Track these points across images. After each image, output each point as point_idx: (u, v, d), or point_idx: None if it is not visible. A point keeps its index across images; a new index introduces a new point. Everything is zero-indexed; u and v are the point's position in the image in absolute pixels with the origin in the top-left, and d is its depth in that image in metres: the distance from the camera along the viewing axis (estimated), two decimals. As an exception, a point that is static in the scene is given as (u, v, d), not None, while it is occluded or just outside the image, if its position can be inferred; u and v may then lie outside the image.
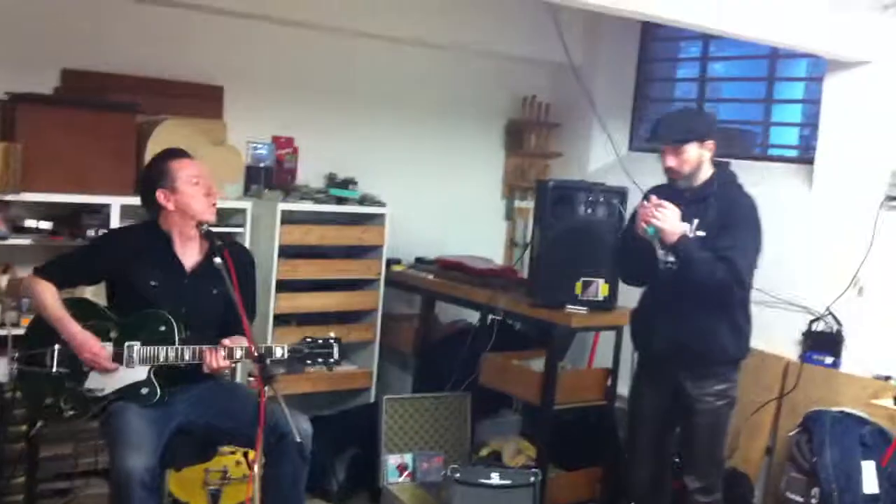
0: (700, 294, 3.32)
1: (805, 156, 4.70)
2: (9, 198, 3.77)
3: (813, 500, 3.88)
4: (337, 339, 3.10)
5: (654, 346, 3.57)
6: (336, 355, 3.09)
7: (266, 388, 2.77)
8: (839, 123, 4.35)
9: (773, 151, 4.98)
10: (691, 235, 3.32)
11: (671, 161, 3.35)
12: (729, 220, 3.30)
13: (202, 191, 3.20)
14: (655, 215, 3.25)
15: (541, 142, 5.71)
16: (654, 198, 3.32)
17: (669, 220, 3.25)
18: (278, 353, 3.02)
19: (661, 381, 3.54)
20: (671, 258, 3.38)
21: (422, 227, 5.25)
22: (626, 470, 3.73)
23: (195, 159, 3.27)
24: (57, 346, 3.13)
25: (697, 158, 3.34)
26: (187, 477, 3.94)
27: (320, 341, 3.08)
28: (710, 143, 3.36)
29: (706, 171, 3.40)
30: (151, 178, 3.24)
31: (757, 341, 4.20)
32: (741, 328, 3.46)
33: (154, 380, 3.12)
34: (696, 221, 3.35)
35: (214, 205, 3.24)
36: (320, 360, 3.07)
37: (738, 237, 3.26)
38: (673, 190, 3.42)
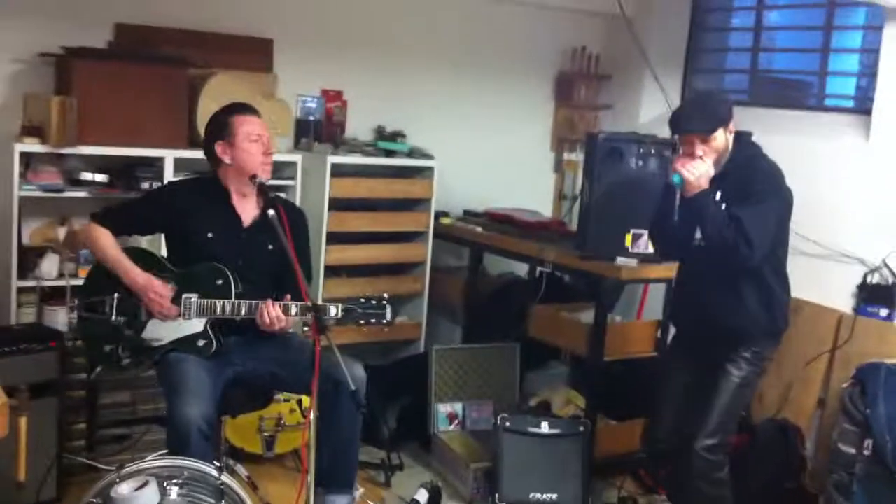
0: (728, 268, 3.29)
1: (862, 106, 4.60)
2: (65, 151, 3.83)
3: (865, 452, 3.85)
4: (389, 300, 3.10)
5: (687, 321, 3.59)
6: (388, 316, 3.09)
7: (320, 338, 2.80)
8: (899, 72, 4.24)
9: (829, 102, 4.88)
10: None
11: (700, 150, 3.29)
12: (747, 188, 3.25)
13: (260, 149, 3.23)
14: (686, 166, 3.23)
15: (590, 94, 5.66)
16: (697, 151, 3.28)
17: (697, 173, 3.21)
18: (332, 311, 3.03)
19: (693, 354, 3.54)
20: (700, 234, 3.34)
21: (470, 179, 5.25)
22: (650, 431, 3.73)
23: (259, 116, 3.28)
24: (116, 295, 3.20)
25: (725, 143, 3.32)
26: (242, 424, 4.05)
27: (373, 301, 3.08)
28: (731, 126, 3.34)
29: (729, 150, 3.37)
30: (213, 129, 3.27)
31: (811, 293, 4.22)
32: (776, 299, 3.40)
33: (210, 332, 3.18)
34: (718, 194, 3.29)
35: (269, 164, 3.27)
36: (373, 320, 3.08)
37: (753, 203, 3.20)
38: None
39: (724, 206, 3.25)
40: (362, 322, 3.06)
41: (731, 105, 3.46)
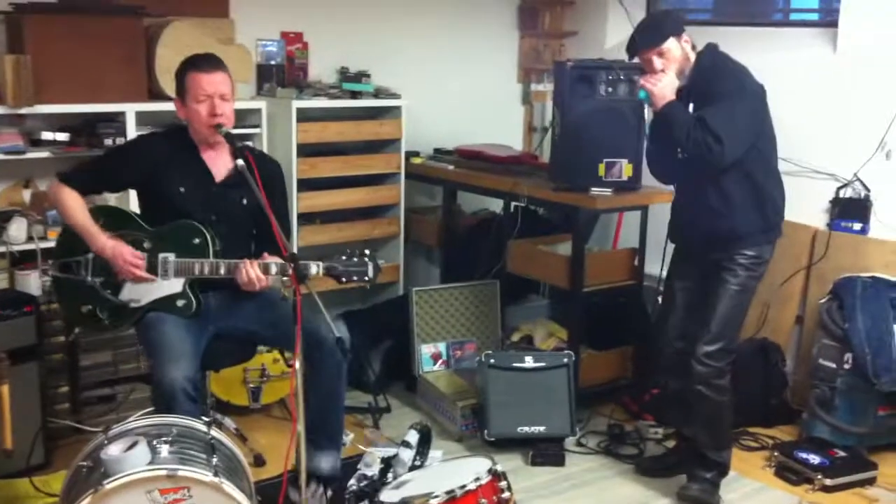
0: (712, 171, 3.31)
1: (826, 18, 4.58)
2: (23, 111, 3.73)
3: (846, 366, 3.92)
4: (372, 257, 3.03)
5: (682, 233, 3.60)
6: (371, 273, 3.02)
7: (301, 287, 2.77)
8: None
9: (794, 17, 4.85)
10: None
11: (659, 63, 3.34)
12: (711, 91, 3.29)
13: (206, 109, 3.11)
14: (650, 80, 3.32)
15: (555, 21, 5.58)
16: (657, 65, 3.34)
17: (660, 86, 3.30)
18: (313, 270, 2.96)
19: (694, 264, 3.55)
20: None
21: (438, 117, 5.19)
22: (657, 347, 3.75)
23: (216, 71, 3.14)
24: (91, 255, 3.13)
25: (682, 54, 3.35)
26: (227, 376, 4.03)
27: (355, 259, 3.01)
28: (685, 36, 3.38)
29: (692, 62, 3.39)
30: (175, 84, 3.19)
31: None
32: (766, 195, 3.41)
33: (189, 291, 3.13)
34: (691, 106, 3.34)
35: (214, 126, 3.11)
36: (355, 277, 3.01)
37: (716, 101, 3.24)
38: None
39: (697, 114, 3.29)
40: (344, 280, 3.01)
41: (678, 16, 3.58)
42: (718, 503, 3.52)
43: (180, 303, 3.13)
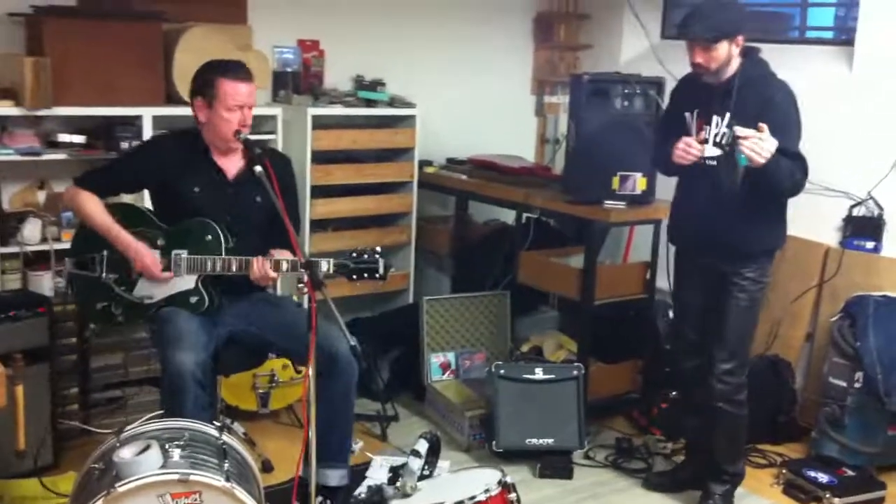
0: (740, 190, 3.24)
1: (841, 36, 4.59)
2: (41, 113, 3.74)
3: (856, 385, 3.91)
4: (381, 254, 3.03)
5: (691, 239, 3.55)
6: (381, 270, 3.01)
7: (316, 293, 2.77)
8: (880, 1, 4.21)
9: (810, 34, 4.86)
10: (724, 130, 3.27)
11: (699, 58, 3.26)
12: (774, 116, 3.16)
13: (237, 119, 3.12)
14: (757, 151, 3.03)
15: (570, 34, 5.59)
16: (762, 128, 3.05)
17: (763, 148, 3.03)
18: (324, 267, 2.96)
19: (700, 271, 3.52)
20: (710, 153, 3.33)
21: (451, 126, 5.20)
22: (673, 361, 3.75)
23: (250, 81, 3.15)
24: (105, 253, 3.16)
25: (727, 55, 3.25)
26: (236, 382, 4.04)
27: (365, 256, 3.01)
28: (739, 39, 3.26)
29: (734, 65, 3.30)
30: (198, 83, 3.18)
31: (797, 228, 4.18)
32: (779, 217, 3.43)
33: (202, 289, 3.15)
34: (727, 115, 3.27)
35: (240, 134, 3.13)
36: (366, 275, 3.02)
37: (791, 131, 3.19)
38: (698, 84, 3.37)
39: (735, 127, 3.12)
40: (355, 277, 3.02)
41: (741, 12, 3.35)
42: (731, 521, 3.52)
43: (193, 299, 3.15)
